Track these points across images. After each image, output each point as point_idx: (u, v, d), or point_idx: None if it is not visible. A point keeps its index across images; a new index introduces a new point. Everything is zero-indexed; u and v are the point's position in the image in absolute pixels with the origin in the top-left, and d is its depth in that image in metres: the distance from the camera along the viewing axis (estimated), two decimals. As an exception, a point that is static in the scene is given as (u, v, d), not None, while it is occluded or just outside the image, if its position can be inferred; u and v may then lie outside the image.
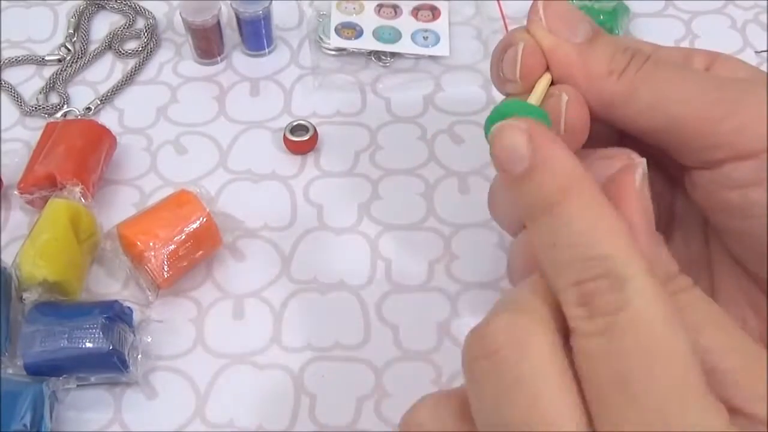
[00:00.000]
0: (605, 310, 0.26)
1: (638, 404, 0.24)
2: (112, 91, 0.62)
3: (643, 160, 0.31)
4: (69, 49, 0.65)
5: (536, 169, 0.28)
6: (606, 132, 0.35)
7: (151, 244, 0.50)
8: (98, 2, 0.68)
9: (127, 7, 0.67)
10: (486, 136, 0.31)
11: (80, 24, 0.66)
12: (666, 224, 0.37)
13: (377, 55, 0.64)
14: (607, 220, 0.27)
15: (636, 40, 0.37)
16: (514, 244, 0.37)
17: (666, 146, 0.32)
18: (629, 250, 0.26)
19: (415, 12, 0.66)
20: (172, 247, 0.50)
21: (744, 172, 0.30)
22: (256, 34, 0.63)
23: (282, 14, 0.66)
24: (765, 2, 0.67)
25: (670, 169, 0.36)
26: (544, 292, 0.28)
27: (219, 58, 0.64)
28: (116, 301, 0.49)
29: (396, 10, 0.66)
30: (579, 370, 0.26)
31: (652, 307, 0.25)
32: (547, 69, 0.33)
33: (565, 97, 0.32)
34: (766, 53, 0.64)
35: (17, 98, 0.62)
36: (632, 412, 0.25)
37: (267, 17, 0.62)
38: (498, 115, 0.31)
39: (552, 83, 0.33)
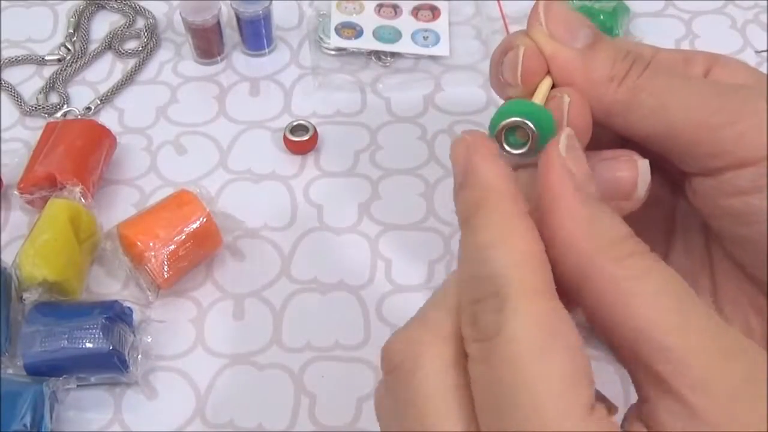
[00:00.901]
0: (485, 333, 0.26)
1: None
2: (112, 90, 0.62)
3: (646, 161, 0.32)
4: (69, 49, 0.65)
5: (464, 182, 0.29)
6: (610, 134, 0.35)
7: (151, 244, 0.50)
8: (98, 2, 0.68)
9: (127, 7, 0.67)
10: (491, 136, 0.31)
11: (80, 24, 0.66)
12: (667, 230, 0.37)
13: (377, 55, 0.64)
14: (509, 237, 0.27)
15: (636, 43, 0.37)
16: None
17: (666, 153, 0.32)
18: (519, 268, 0.26)
19: (415, 12, 0.66)
20: (173, 247, 0.50)
21: (744, 179, 0.30)
22: (256, 33, 0.63)
23: (282, 14, 0.66)
24: (765, 2, 0.67)
25: (672, 174, 0.36)
26: (450, 307, 0.28)
27: (219, 58, 0.64)
28: (116, 301, 0.49)
29: (396, 9, 0.66)
30: (471, 392, 0.26)
31: (523, 331, 0.25)
32: (548, 72, 0.33)
33: (567, 99, 0.32)
34: (766, 53, 0.64)
35: (17, 98, 0.62)
36: None
37: (267, 17, 0.62)
38: (502, 116, 0.31)
39: (553, 86, 0.33)
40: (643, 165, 0.32)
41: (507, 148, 0.30)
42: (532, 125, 0.30)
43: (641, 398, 0.26)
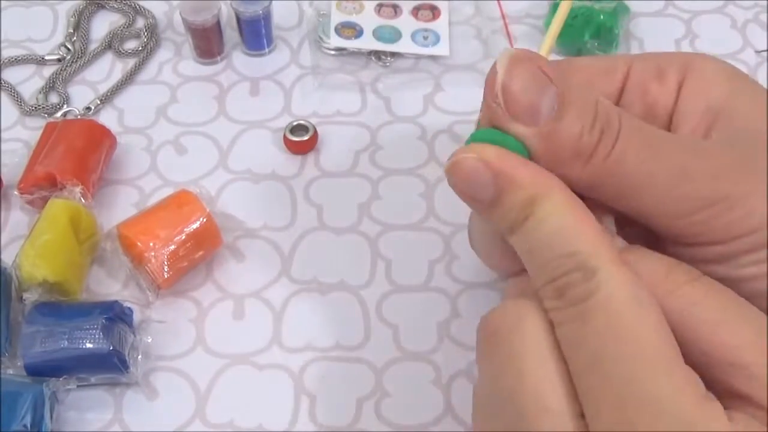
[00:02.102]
0: (578, 298, 0.28)
1: (610, 381, 0.26)
2: (112, 90, 0.62)
3: (611, 217, 0.33)
4: (69, 49, 0.65)
5: (503, 192, 0.30)
6: None
7: (151, 244, 0.50)
8: (98, 2, 0.68)
9: (126, 7, 0.67)
10: None
11: (80, 23, 0.66)
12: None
13: (377, 54, 0.64)
14: (573, 218, 0.29)
15: (608, 58, 0.37)
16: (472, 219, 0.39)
17: (649, 225, 0.33)
18: (596, 242, 0.28)
19: (415, 12, 0.66)
20: (173, 247, 0.50)
21: (715, 253, 0.31)
22: (256, 33, 0.63)
23: (282, 14, 0.66)
24: (765, 2, 0.67)
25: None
26: (529, 293, 0.31)
27: (219, 58, 0.64)
28: (116, 301, 0.49)
29: (396, 9, 0.66)
30: (565, 357, 0.28)
31: (619, 291, 0.27)
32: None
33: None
34: (766, 53, 0.64)
35: (17, 98, 0.62)
36: (606, 389, 0.26)
37: (267, 17, 0.62)
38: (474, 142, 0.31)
39: None
40: (608, 221, 0.33)
41: None
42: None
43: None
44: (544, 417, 0.27)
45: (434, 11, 0.66)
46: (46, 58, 0.64)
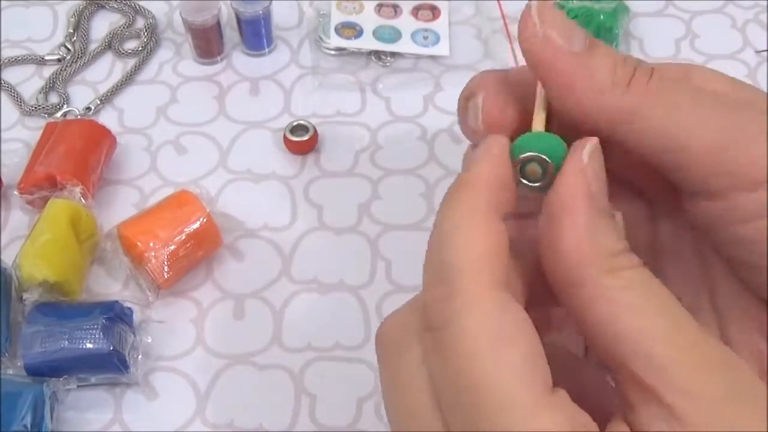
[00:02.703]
0: (435, 322, 0.26)
1: (465, 427, 0.25)
2: (112, 90, 0.62)
3: (619, 213, 0.31)
4: (69, 49, 0.65)
5: (464, 164, 0.30)
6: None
7: (151, 244, 0.50)
8: (98, 2, 0.68)
9: (126, 7, 0.67)
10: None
11: (80, 23, 0.66)
12: (653, 257, 0.36)
13: (377, 54, 0.64)
14: (471, 230, 0.27)
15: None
16: None
17: (671, 168, 0.31)
18: (475, 261, 0.26)
19: (415, 11, 0.66)
20: (173, 247, 0.50)
21: (756, 202, 0.29)
22: (256, 33, 0.63)
23: (282, 14, 0.66)
24: (765, 2, 0.67)
25: (651, 197, 0.35)
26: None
27: (219, 58, 0.64)
28: (116, 301, 0.49)
29: (396, 9, 0.66)
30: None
31: (475, 325, 0.25)
32: (540, 83, 0.32)
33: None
34: (766, 53, 0.64)
35: (17, 98, 0.62)
36: None
37: (267, 17, 0.62)
38: (517, 151, 0.30)
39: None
40: (617, 216, 0.31)
41: (524, 182, 0.30)
42: (549, 159, 0.29)
43: (625, 403, 0.26)
44: None
45: (434, 11, 0.66)
46: (46, 58, 0.64)
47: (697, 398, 0.24)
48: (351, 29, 0.64)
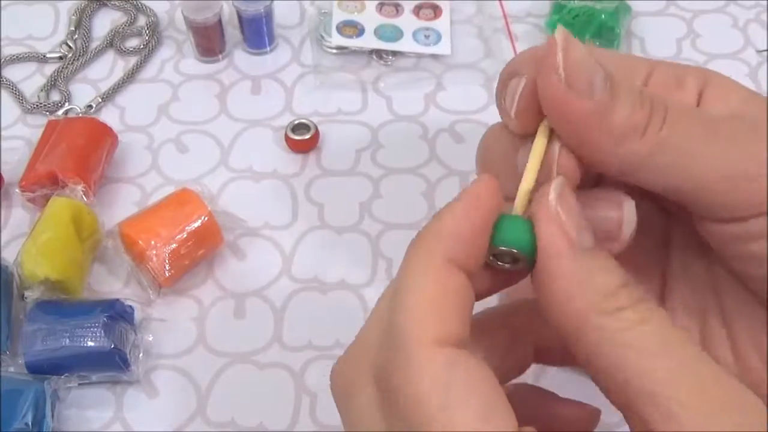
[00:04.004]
0: (387, 384, 0.26)
1: None
2: (114, 88, 0.62)
3: (632, 203, 0.31)
4: (70, 47, 0.65)
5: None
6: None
7: (152, 242, 0.50)
8: (99, 0, 0.68)
9: (128, 5, 0.67)
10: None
11: (81, 21, 0.66)
12: (662, 258, 0.35)
13: (378, 53, 0.64)
14: (421, 280, 0.27)
15: (632, 57, 0.36)
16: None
17: (686, 202, 0.30)
18: (422, 315, 0.26)
19: (417, 10, 0.66)
20: (174, 245, 0.50)
21: (765, 225, 0.29)
22: (258, 32, 0.63)
23: (283, 12, 0.66)
24: (766, 1, 0.67)
25: (665, 205, 0.35)
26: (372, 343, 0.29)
27: (220, 56, 0.64)
28: (118, 299, 0.49)
29: (397, 8, 0.66)
30: None
31: (418, 384, 0.25)
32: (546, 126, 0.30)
33: (557, 148, 0.30)
34: (766, 52, 0.64)
35: (18, 96, 0.62)
36: None
37: (268, 15, 0.62)
38: (494, 239, 0.28)
39: (551, 132, 0.31)
40: (629, 207, 0.31)
41: (500, 264, 0.29)
42: (522, 253, 0.28)
43: None
44: None
45: (436, 10, 0.66)
46: (48, 56, 0.65)
47: None
48: (352, 28, 0.64)
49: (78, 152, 0.54)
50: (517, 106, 0.31)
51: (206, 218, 0.51)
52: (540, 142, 0.30)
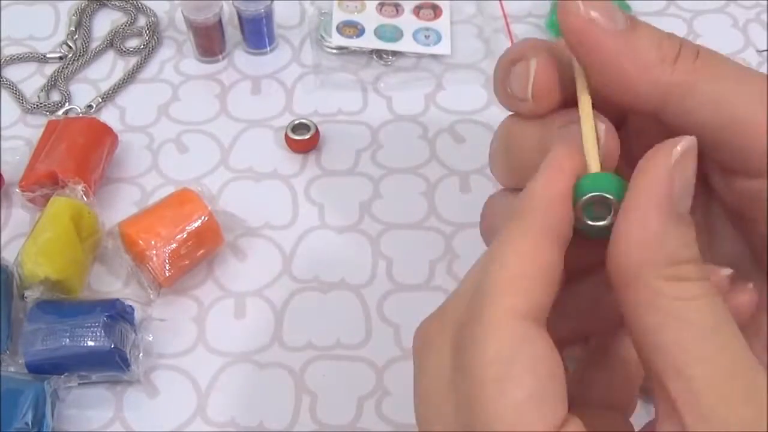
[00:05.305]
0: (461, 341, 0.27)
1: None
2: (114, 89, 0.62)
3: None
4: (70, 47, 0.65)
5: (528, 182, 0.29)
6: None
7: (152, 242, 0.50)
8: (100, 0, 0.68)
9: (128, 5, 0.67)
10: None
11: (82, 22, 0.66)
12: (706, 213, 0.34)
13: (379, 53, 0.64)
14: (511, 255, 0.27)
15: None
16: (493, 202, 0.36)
17: (718, 145, 0.30)
18: (505, 287, 0.26)
19: (417, 10, 0.66)
20: (174, 245, 0.50)
21: None
22: (258, 32, 0.63)
23: (283, 12, 0.66)
24: (766, 1, 0.67)
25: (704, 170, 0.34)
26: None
27: (220, 57, 0.64)
28: (118, 299, 0.49)
29: (397, 8, 0.66)
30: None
31: (490, 351, 0.26)
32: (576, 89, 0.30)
33: (602, 126, 0.30)
34: (766, 53, 0.64)
35: (18, 96, 0.62)
36: None
37: (269, 15, 0.62)
38: (579, 191, 0.28)
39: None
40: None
41: (589, 222, 0.28)
42: (615, 199, 0.28)
43: (656, 411, 0.26)
44: None
45: (436, 10, 0.66)
46: (48, 56, 0.65)
47: (715, 427, 0.24)
48: (352, 28, 0.64)
49: (78, 152, 0.54)
50: (533, 86, 0.31)
51: (206, 218, 0.51)
52: (585, 100, 0.30)
